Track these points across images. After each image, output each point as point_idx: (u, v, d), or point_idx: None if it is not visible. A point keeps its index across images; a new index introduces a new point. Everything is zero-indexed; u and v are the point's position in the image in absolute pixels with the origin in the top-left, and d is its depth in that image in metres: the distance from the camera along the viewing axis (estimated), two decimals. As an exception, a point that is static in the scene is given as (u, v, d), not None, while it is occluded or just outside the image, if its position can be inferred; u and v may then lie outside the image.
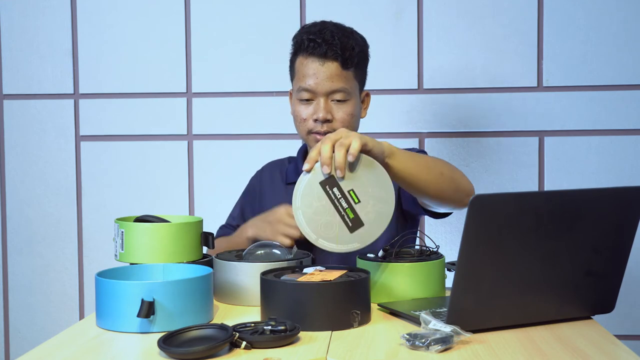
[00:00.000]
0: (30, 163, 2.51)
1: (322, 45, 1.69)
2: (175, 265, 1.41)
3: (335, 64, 1.70)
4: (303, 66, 1.73)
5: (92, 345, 1.20)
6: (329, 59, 1.69)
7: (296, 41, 1.77)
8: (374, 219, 1.36)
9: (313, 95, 1.72)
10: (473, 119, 2.39)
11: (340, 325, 1.26)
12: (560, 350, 1.14)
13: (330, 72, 1.70)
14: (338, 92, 1.71)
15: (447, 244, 2.34)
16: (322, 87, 1.70)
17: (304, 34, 1.74)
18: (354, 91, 1.74)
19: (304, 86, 1.72)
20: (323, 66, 1.70)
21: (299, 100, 1.75)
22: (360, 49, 1.74)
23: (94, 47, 2.49)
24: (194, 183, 2.47)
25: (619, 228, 1.29)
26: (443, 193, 1.53)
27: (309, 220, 1.35)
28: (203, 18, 2.46)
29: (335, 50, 1.68)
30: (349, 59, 1.70)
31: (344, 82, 1.71)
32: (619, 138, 2.36)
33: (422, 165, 1.50)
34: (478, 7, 2.38)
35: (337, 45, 1.69)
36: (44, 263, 2.52)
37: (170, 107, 2.47)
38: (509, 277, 1.23)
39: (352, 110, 1.73)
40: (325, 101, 1.71)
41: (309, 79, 1.71)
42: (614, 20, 2.35)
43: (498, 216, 1.18)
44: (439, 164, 1.56)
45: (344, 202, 1.35)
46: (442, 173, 1.53)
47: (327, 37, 1.69)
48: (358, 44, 1.74)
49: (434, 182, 1.50)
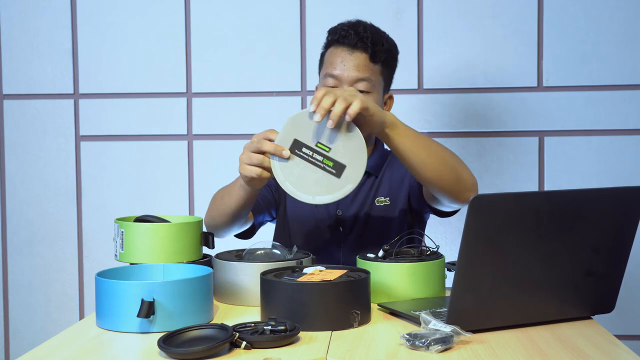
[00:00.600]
0: (30, 163, 2.51)
1: (353, 36, 1.73)
2: (175, 265, 1.41)
3: (364, 55, 1.73)
4: (332, 55, 1.76)
5: (92, 345, 1.20)
6: (358, 49, 1.73)
7: (330, 33, 1.80)
8: (351, 156, 1.42)
9: (338, 82, 1.74)
10: (473, 119, 2.39)
11: (340, 325, 1.26)
12: (560, 350, 1.14)
13: (357, 62, 1.73)
14: (362, 82, 1.72)
15: (447, 244, 2.34)
16: (348, 74, 1.73)
17: (339, 25, 1.79)
18: (377, 86, 1.76)
19: (330, 72, 1.75)
20: (352, 55, 1.73)
21: (322, 87, 1.76)
22: (389, 48, 1.78)
23: (94, 47, 2.49)
24: (194, 183, 2.47)
25: (619, 228, 1.29)
26: (442, 179, 1.54)
27: (298, 185, 1.42)
28: (203, 18, 2.46)
29: (365, 42, 1.73)
30: (377, 52, 1.74)
31: (369, 73, 1.73)
32: (619, 138, 2.36)
33: (424, 146, 1.52)
34: (478, 7, 2.38)
35: (368, 38, 1.73)
36: (44, 263, 2.52)
37: (170, 107, 2.47)
38: (509, 277, 1.23)
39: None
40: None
41: (337, 66, 1.74)
42: (614, 20, 2.35)
43: (498, 216, 1.18)
44: (443, 150, 1.57)
45: (318, 155, 1.42)
46: (444, 158, 1.54)
47: (360, 30, 1.74)
48: (388, 43, 1.78)
49: (434, 165, 1.52)
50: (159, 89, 2.47)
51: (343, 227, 1.81)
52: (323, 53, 1.83)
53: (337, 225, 1.81)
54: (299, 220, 1.84)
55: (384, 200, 1.81)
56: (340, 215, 1.81)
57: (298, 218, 1.84)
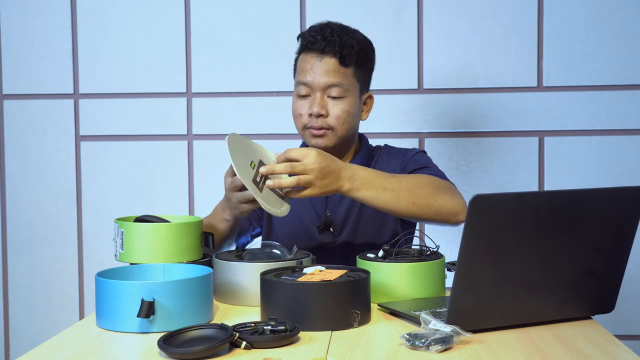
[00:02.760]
0: (30, 163, 2.51)
1: (321, 41, 1.71)
2: (175, 265, 1.41)
3: (333, 60, 1.71)
4: (303, 62, 1.75)
5: (92, 345, 1.20)
6: (327, 54, 1.71)
7: (300, 38, 1.79)
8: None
9: (310, 90, 1.73)
10: (473, 119, 2.40)
11: (340, 325, 1.26)
12: (560, 350, 1.14)
13: (327, 67, 1.71)
14: (334, 87, 1.71)
15: (447, 244, 2.34)
16: (319, 81, 1.71)
17: (307, 31, 1.77)
18: (351, 89, 1.74)
19: (301, 80, 1.74)
20: (321, 61, 1.72)
21: (297, 95, 1.77)
22: (360, 48, 1.75)
23: (94, 47, 2.49)
24: (194, 183, 2.47)
25: (619, 228, 1.29)
26: (419, 216, 1.59)
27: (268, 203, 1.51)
28: (203, 18, 2.46)
29: (333, 46, 1.71)
30: (347, 55, 1.71)
31: (340, 77, 1.72)
32: (619, 138, 2.36)
33: (390, 198, 1.55)
34: (478, 7, 2.38)
35: (336, 41, 1.71)
36: (44, 263, 2.52)
37: (170, 107, 2.47)
38: (509, 277, 1.23)
39: (349, 108, 1.73)
40: (321, 96, 1.72)
41: (307, 73, 1.73)
42: (614, 20, 2.35)
43: (498, 216, 1.18)
44: (413, 192, 1.57)
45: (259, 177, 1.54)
46: (413, 202, 1.56)
47: (327, 34, 1.72)
48: (359, 43, 1.75)
49: (405, 211, 1.57)
50: (159, 89, 2.47)
51: (333, 227, 1.80)
52: (295, 59, 1.81)
53: (327, 226, 1.81)
54: (287, 225, 1.83)
55: None
56: (329, 216, 1.81)
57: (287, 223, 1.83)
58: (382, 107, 2.35)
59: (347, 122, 1.74)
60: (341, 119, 1.73)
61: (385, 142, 1.94)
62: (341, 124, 1.73)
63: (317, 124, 1.72)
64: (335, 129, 1.73)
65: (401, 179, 1.59)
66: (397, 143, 1.97)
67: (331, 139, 1.74)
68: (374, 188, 1.53)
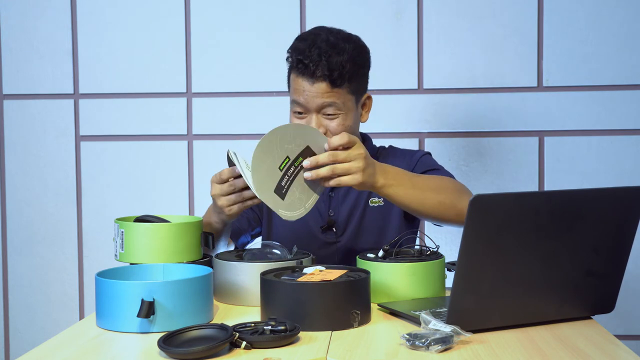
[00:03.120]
0: (30, 163, 2.51)
1: (310, 67, 1.67)
2: (175, 265, 1.41)
3: (325, 83, 1.68)
4: (295, 83, 1.73)
5: (92, 345, 1.20)
6: (317, 79, 1.68)
7: (289, 58, 1.76)
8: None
9: (305, 109, 1.72)
10: (473, 119, 2.39)
11: (340, 325, 1.26)
12: (560, 350, 1.14)
13: (319, 91, 1.68)
14: (329, 107, 1.69)
15: (447, 244, 2.34)
16: (313, 103, 1.69)
17: (294, 52, 1.72)
18: (347, 104, 1.71)
19: (296, 100, 1.72)
20: (313, 86, 1.69)
21: (293, 112, 1.76)
22: (352, 64, 1.70)
23: (94, 47, 2.49)
24: (194, 183, 2.47)
25: (619, 228, 1.29)
26: (442, 218, 1.58)
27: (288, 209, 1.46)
28: (203, 18, 2.46)
29: (322, 70, 1.67)
30: (338, 78, 1.67)
31: (334, 97, 1.69)
32: (619, 138, 2.36)
33: (419, 198, 1.53)
34: (478, 7, 2.38)
35: (325, 66, 1.66)
36: (44, 263, 2.52)
37: (170, 107, 2.47)
38: (509, 277, 1.23)
39: (345, 122, 1.71)
40: (317, 116, 1.70)
41: (300, 95, 1.70)
42: (614, 20, 2.35)
43: (498, 216, 1.18)
44: (440, 194, 1.56)
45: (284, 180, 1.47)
46: (440, 202, 1.55)
47: (315, 57, 1.67)
48: (349, 59, 1.69)
49: (430, 212, 1.55)
50: (159, 89, 2.47)
51: (336, 227, 1.80)
52: (288, 73, 1.78)
53: (330, 226, 1.80)
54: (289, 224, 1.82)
55: (378, 201, 1.81)
56: (332, 216, 1.81)
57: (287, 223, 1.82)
58: (382, 107, 2.35)
59: None
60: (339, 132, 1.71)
61: (389, 143, 1.94)
62: None
63: None
64: None
65: (426, 178, 1.58)
66: (397, 143, 1.97)
67: None
68: (404, 186, 1.51)
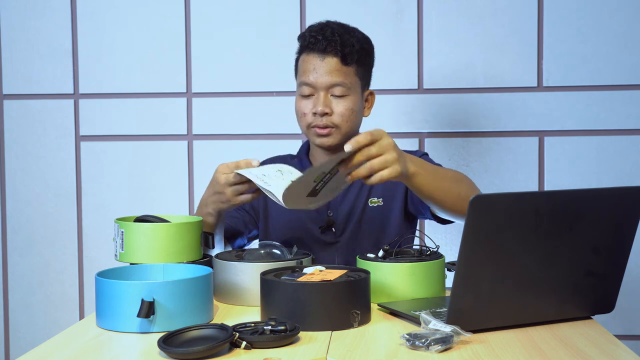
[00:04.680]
0: (30, 163, 2.51)
1: (322, 42, 1.73)
2: (175, 265, 1.41)
3: (335, 60, 1.73)
4: (305, 62, 1.77)
5: (92, 345, 1.20)
6: (328, 54, 1.73)
7: (300, 39, 1.81)
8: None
9: (313, 89, 1.75)
10: (473, 119, 2.39)
11: (340, 325, 1.26)
12: (560, 350, 1.14)
13: (329, 67, 1.73)
14: (337, 86, 1.73)
15: (447, 244, 2.34)
16: (322, 81, 1.73)
17: (307, 31, 1.78)
18: (354, 87, 1.76)
19: (305, 81, 1.76)
20: (323, 61, 1.73)
21: (300, 95, 1.79)
22: (361, 47, 1.77)
23: (94, 47, 2.49)
24: (194, 183, 2.47)
25: (619, 228, 1.29)
26: (458, 212, 1.57)
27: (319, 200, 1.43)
28: (203, 18, 2.46)
29: (334, 46, 1.72)
30: (348, 55, 1.73)
31: (343, 77, 1.74)
32: (619, 138, 2.36)
33: (442, 187, 1.52)
34: (478, 7, 2.38)
35: (337, 41, 1.73)
36: (44, 263, 2.52)
37: (170, 107, 2.47)
38: (508, 277, 1.23)
39: (352, 105, 1.75)
40: (325, 95, 1.74)
41: (310, 74, 1.74)
42: (614, 20, 2.35)
43: (498, 216, 1.18)
44: (459, 185, 1.57)
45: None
46: (459, 194, 1.55)
47: (328, 34, 1.74)
48: (359, 42, 1.77)
49: (451, 202, 1.55)
50: (159, 89, 2.47)
51: (335, 228, 1.81)
52: (297, 59, 1.83)
53: (329, 226, 1.81)
54: (288, 224, 1.82)
55: (377, 201, 1.81)
56: (331, 216, 1.81)
57: (286, 223, 1.83)
58: (382, 107, 2.35)
59: (351, 119, 1.76)
60: (345, 116, 1.74)
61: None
62: (345, 121, 1.75)
63: (321, 122, 1.74)
64: (340, 127, 1.75)
65: (444, 169, 1.59)
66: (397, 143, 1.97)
67: (336, 137, 1.76)
68: (430, 174, 1.49)
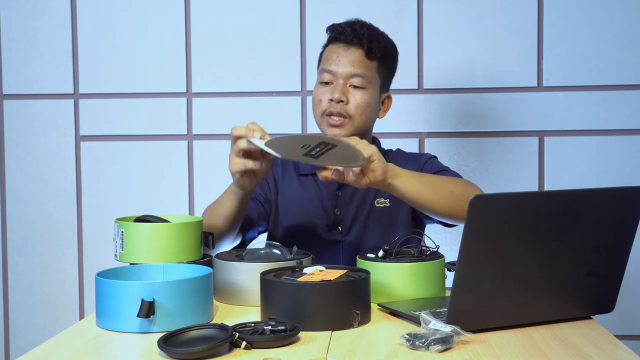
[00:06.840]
0: (30, 163, 2.51)
1: (350, 33, 1.77)
2: (175, 265, 1.41)
3: (360, 51, 1.76)
4: (330, 51, 1.80)
5: (92, 345, 1.20)
6: (354, 45, 1.77)
7: (328, 30, 1.84)
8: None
9: (333, 77, 1.77)
10: (473, 119, 2.39)
11: (340, 325, 1.26)
12: (560, 350, 1.14)
13: (353, 58, 1.76)
14: (357, 77, 1.75)
15: (447, 244, 2.34)
16: (343, 69, 1.76)
17: (336, 24, 1.82)
18: (373, 82, 1.78)
19: (326, 68, 1.78)
20: (347, 51, 1.76)
21: (319, 83, 1.81)
22: (386, 45, 1.80)
23: (94, 47, 2.49)
24: (194, 183, 2.47)
25: (619, 228, 1.29)
26: (453, 211, 1.58)
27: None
28: (203, 18, 2.46)
29: (361, 38, 1.76)
30: (373, 49, 1.76)
31: (364, 69, 1.76)
32: (619, 138, 2.36)
33: (428, 186, 1.54)
34: (478, 7, 2.38)
35: (365, 34, 1.76)
36: (44, 263, 2.52)
37: (170, 107, 2.47)
38: (508, 277, 1.23)
39: (369, 99, 1.77)
40: (344, 84, 1.76)
41: (332, 62, 1.77)
42: (614, 20, 2.35)
43: (498, 216, 1.18)
44: (449, 183, 1.58)
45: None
46: (451, 192, 1.55)
47: (357, 27, 1.78)
48: (385, 41, 1.81)
49: (442, 202, 1.55)
50: (159, 89, 2.47)
51: (342, 226, 1.81)
52: (321, 52, 1.86)
53: (335, 224, 1.81)
54: (295, 221, 1.83)
55: (384, 202, 1.81)
56: (338, 215, 1.81)
57: (293, 219, 1.83)
58: (382, 107, 2.35)
59: (365, 113, 1.77)
60: (360, 108, 1.75)
61: (391, 144, 1.95)
62: (359, 114, 1.76)
63: (336, 109, 1.75)
64: (353, 118, 1.75)
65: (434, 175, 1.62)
66: (397, 143, 1.97)
67: (348, 129, 1.76)
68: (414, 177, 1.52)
